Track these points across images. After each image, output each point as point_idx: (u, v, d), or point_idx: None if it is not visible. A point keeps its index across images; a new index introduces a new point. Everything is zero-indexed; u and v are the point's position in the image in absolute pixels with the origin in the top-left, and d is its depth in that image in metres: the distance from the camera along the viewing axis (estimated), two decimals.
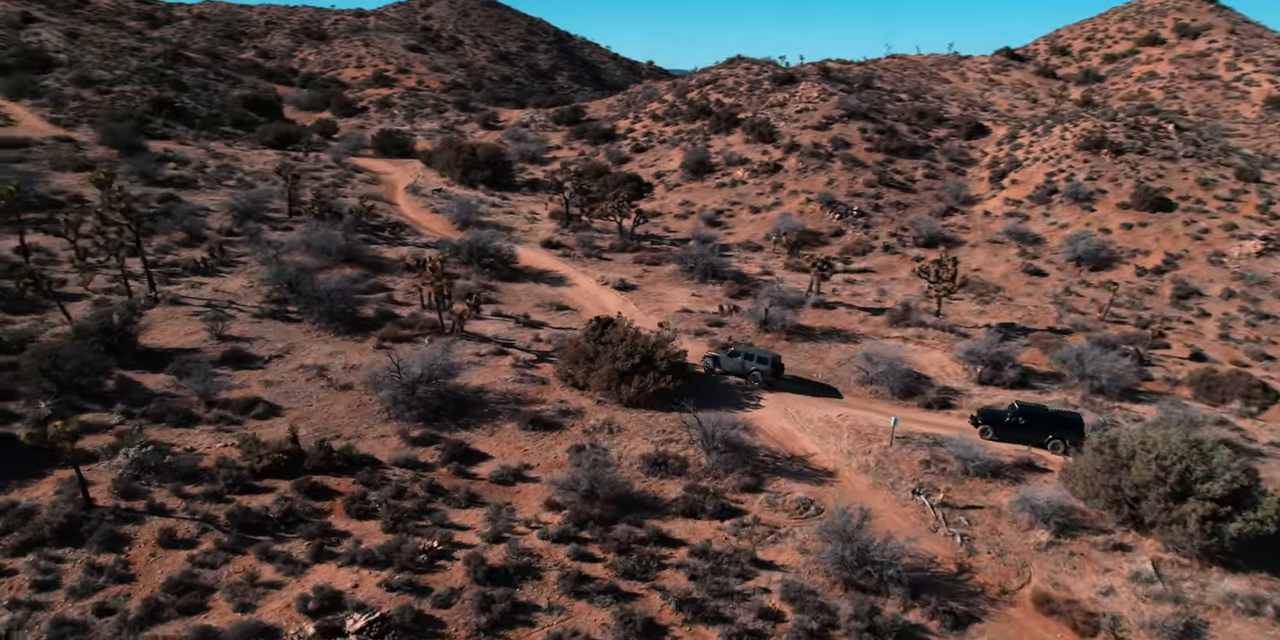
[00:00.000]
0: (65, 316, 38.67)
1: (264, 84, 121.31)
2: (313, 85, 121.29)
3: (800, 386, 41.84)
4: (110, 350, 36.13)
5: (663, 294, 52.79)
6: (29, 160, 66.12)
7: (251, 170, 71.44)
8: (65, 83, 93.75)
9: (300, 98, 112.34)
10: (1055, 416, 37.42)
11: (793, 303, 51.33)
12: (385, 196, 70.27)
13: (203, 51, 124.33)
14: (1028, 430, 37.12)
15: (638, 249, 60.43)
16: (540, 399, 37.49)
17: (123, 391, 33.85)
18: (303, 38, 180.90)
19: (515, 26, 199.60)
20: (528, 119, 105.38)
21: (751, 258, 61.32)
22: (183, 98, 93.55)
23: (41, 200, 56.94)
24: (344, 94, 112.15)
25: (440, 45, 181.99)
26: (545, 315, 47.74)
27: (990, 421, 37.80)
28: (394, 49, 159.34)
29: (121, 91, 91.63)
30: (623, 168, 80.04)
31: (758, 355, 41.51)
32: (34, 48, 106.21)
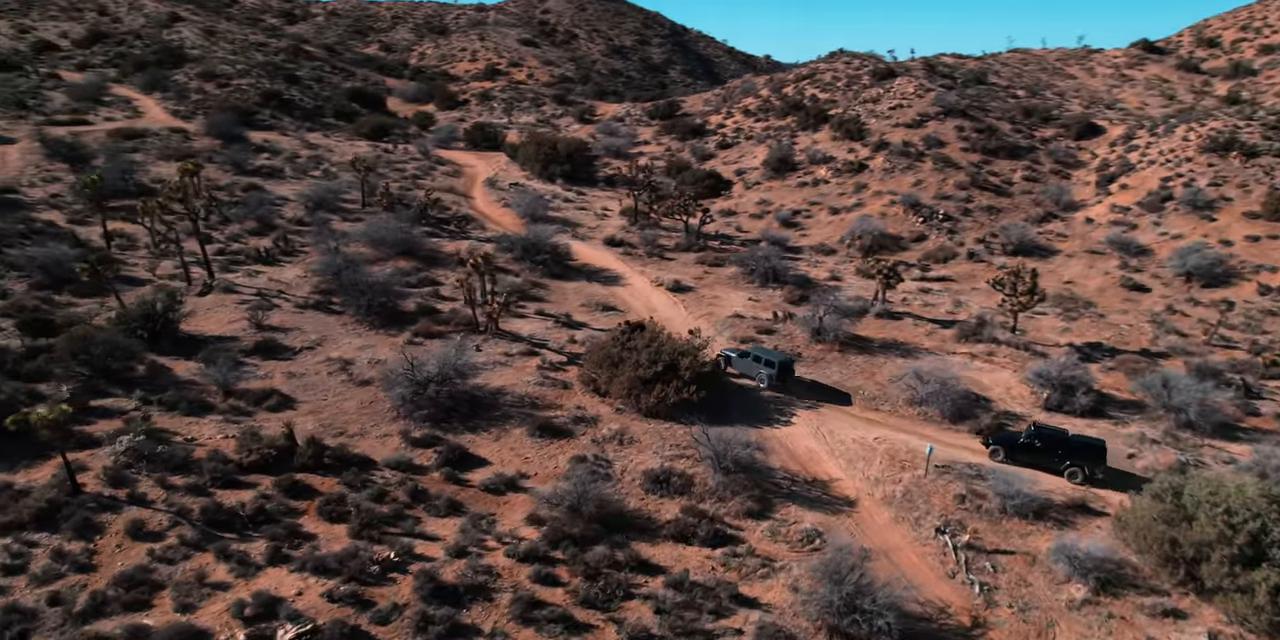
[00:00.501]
0: (118, 302, 40.23)
1: (375, 77, 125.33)
2: (421, 78, 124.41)
3: (815, 393, 39.00)
4: (151, 336, 37.46)
5: (718, 297, 50.65)
6: (142, 150, 70.14)
7: (339, 161, 73.38)
8: (191, 77, 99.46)
9: (407, 90, 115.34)
10: (1074, 441, 33.99)
11: (854, 311, 48.20)
12: (462, 189, 70.81)
13: (323, 46, 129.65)
14: (1043, 454, 33.80)
15: (703, 249, 58.38)
16: (558, 404, 36.30)
17: (151, 378, 34.82)
18: (425, 32, 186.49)
19: (631, 20, 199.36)
20: (624, 113, 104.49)
21: (823, 262, 58.20)
22: (292, 90, 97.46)
23: (140, 188, 59.99)
24: (447, 87, 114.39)
25: (555, 39, 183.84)
26: (588, 315, 46.54)
27: (1002, 443, 34.68)
28: (507, 43, 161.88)
29: (238, 84, 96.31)
30: (706, 164, 77.88)
31: (765, 357, 39.46)
32: (174, 45, 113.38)
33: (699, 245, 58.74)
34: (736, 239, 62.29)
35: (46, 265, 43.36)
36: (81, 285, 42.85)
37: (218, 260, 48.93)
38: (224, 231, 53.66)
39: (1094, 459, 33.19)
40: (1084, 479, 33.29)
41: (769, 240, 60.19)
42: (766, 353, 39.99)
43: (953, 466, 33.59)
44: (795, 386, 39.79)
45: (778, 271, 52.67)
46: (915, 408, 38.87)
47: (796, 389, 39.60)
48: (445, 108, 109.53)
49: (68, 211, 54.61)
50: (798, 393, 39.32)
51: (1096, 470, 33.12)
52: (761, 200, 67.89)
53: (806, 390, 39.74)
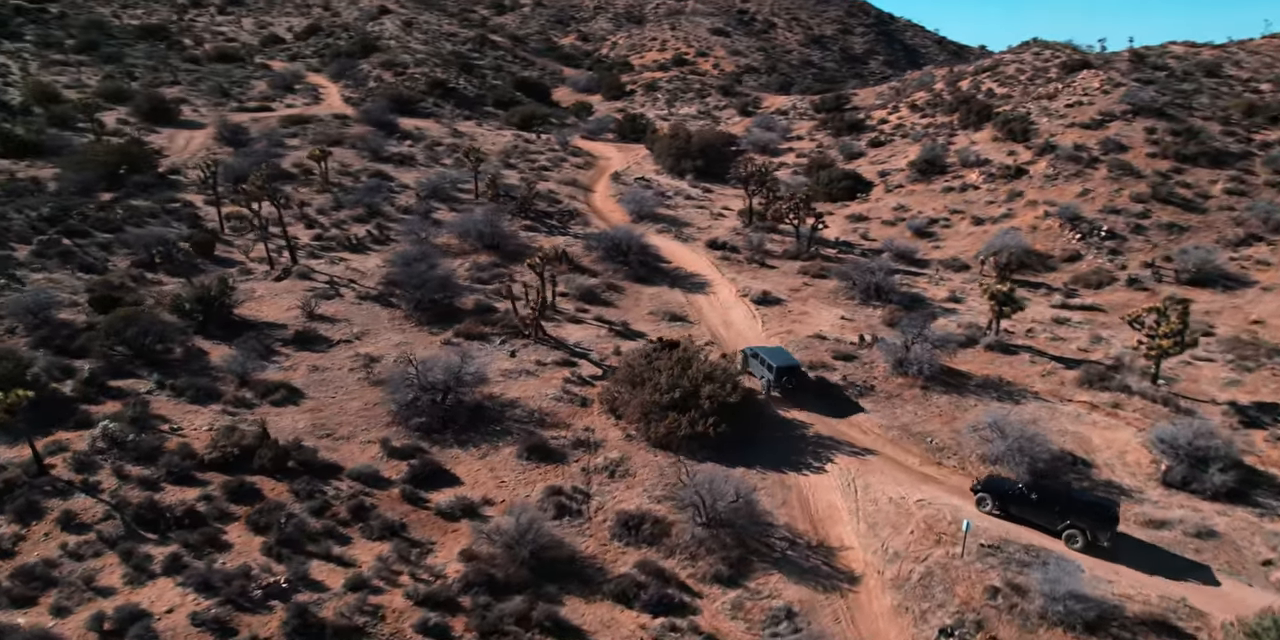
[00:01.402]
0: (189, 283, 41.87)
1: (554, 66, 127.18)
2: (599, 68, 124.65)
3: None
4: (205, 319, 38.58)
5: (806, 314, 45.51)
6: (301, 135, 74.44)
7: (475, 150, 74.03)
8: (374, 66, 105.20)
9: (579, 80, 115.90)
10: (1078, 498, 28.93)
11: (957, 341, 41.58)
12: (585, 182, 69.24)
13: (510, 36, 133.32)
14: (1039, 509, 28.73)
15: (812, 257, 53.02)
16: (566, 423, 33.49)
17: (184, 361, 35.66)
18: (623, 21, 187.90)
19: (834, 8, 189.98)
20: (789, 106, 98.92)
21: (949, 279, 50.99)
22: (460, 79, 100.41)
23: (278, 173, 63.24)
24: (616, 77, 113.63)
25: (752, 29, 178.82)
26: (651, 325, 43.20)
27: (992, 491, 29.47)
28: (699, 32, 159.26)
29: (412, 73, 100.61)
30: (852, 163, 71.38)
31: (767, 359, 36.05)
32: (372, 36, 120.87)
33: (809, 253, 53.42)
34: (858, 248, 56.18)
35: (150, 244, 46.10)
36: (174, 265, 45.27)
37: (312, 245, 50.27)
38: (331, 217, 55.19)
39: (1100, 523, 27.81)
40: (1085, 545, 27.82)
41: (891, 251, 53.70)
42: (771, 354, 36.51)
43: (1004, 548, 27.42)
44: (810, 400, 34.93)
45: (881, 288, 46.55)
46: (988, 466, 32.42)
47: (817, 403, 34.39)
48: (610, 98, 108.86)
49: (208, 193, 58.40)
50: (806, 404, 34.06)
51: (1101, 537, 27.76)
52: (899, 205, 60.98)
53: (823, 406, 34.36)
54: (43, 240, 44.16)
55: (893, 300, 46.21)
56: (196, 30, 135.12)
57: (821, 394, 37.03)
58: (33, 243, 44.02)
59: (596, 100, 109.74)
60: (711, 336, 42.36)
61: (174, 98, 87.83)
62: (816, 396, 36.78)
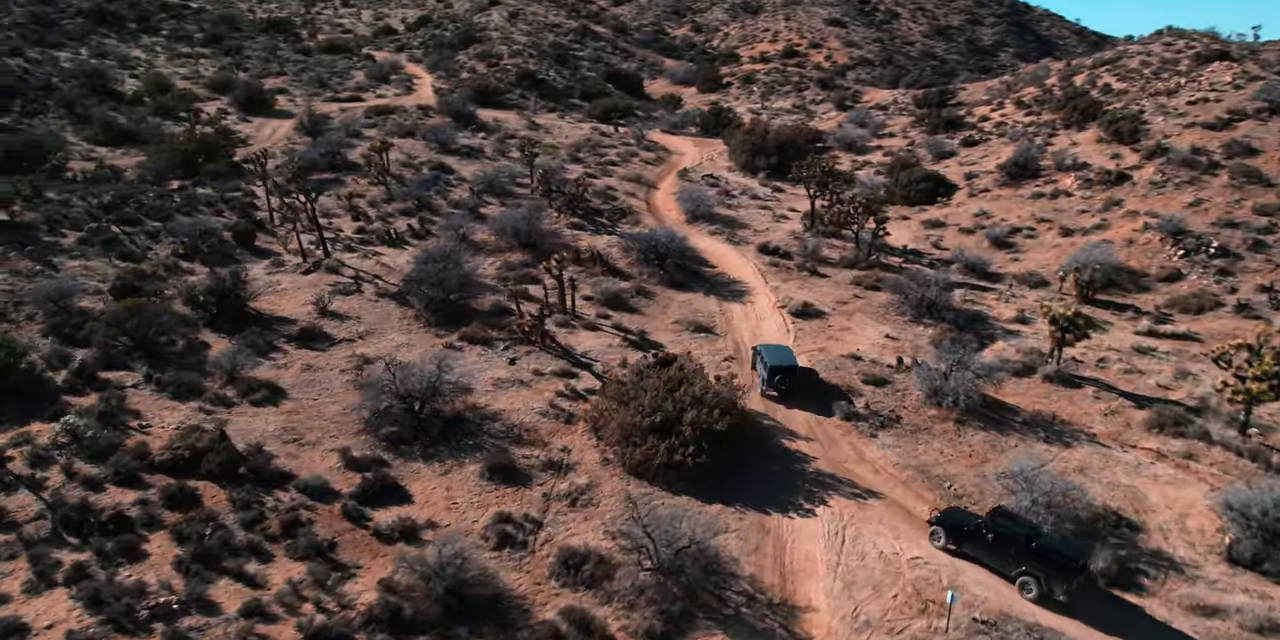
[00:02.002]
0: (212, 275, 42.04)
1: (654, 58, 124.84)
2: (700, 60, 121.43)
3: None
4: (219, 312, 38.57)
5: (848, 329, 41.58)
6: (380, 126, 75.24)
7: (547, 143, 72.85)
8: (470, 57, 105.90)
9: (677, 71, 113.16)
10: (1043, 543, 25.07)
11: (1012, 368, 36.90)
12: (650, 178, 66.69)
13: (613, 27, 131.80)
14: (994, 550, 25.51)
15: (870, 266, 48.71)
16: (545, 441, 31.32)
17: (184, 354, 35.63)
18: (739, 12, 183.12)
19: None
20: (890, 101, 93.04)
21: (1022, 296, 45.63)
22: (550, 71, 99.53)
23: (344, 164, 63.83)
24: (714, 68, 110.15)
25: (873, 19, 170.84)
26: (672, 336, 40.41)
27: (947, 524, 26.47)
28: (813, 23, 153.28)
29: (505, 64, 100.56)
30: (940, 164, 65.81)
31: (767, 359, 34.84)
32: (478, 27, 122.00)
33: (867, 261, 49.11)
34: (927, 257, 51.32)
35: (194, 234, 46.80)
36: (210, 255, 45.80)
37: (352, 239, 50.02)
38: (381, 209, 54.91)
39: (1060, 572, 24.34)
40: (1039, 595, 24.48)
41: (961, 262, 48.67)
42: (772, 352, 35.36)
43: (1001, 626, 23.39)
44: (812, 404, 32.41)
45: (935, 304, 41.98)
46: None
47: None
48: (705, 90, 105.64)
49: (269, 183, 59.39)
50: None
51: (1058, 588, 24.38)
52: (981, 211, 55.47)
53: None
54: (92, 228, 45.52)
55: (946, 319, 41.58)
56: (318, 22, 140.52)
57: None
58: (83, 230, 45.42)
59: (691, 93, 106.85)
60: (734, 351, 39.20)
61: (274, 88, 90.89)
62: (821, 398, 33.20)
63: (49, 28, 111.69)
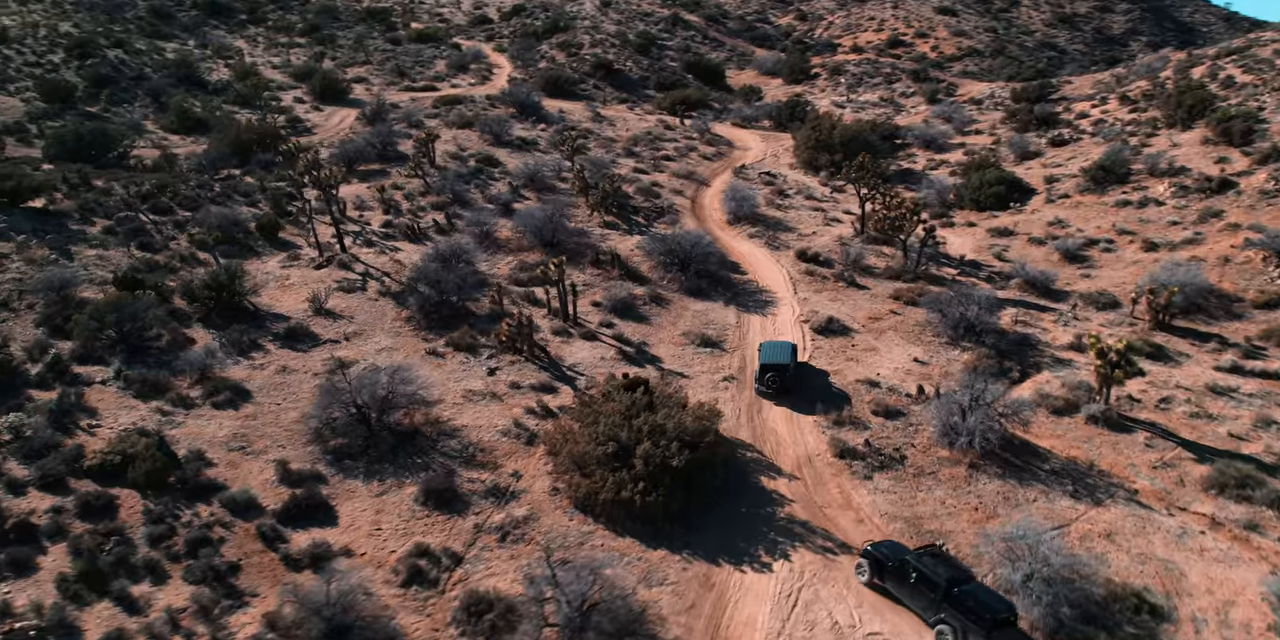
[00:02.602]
0: (218, 266, 41.63)
1: (744, 48, 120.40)
2: (792, 49, 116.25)
3: None
4: (215, 306, 38.07)
5: (873, 350, 37.50)
6: (441, 116, 74.63)
7: (606, 136, 70.46)
8: (551, 46, 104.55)
9: (766, 61, 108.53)
10: (968, 592, 22.33)
11: (1054, 404, 32.24)
12: (704, 175, 63.28)
13: (706, 17, 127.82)
14: (914, 592, 23.04)
15: (916, 278, 44.12)
16: (497, 464, 29.06)
17: (165, 350, 35.10)
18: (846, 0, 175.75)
19: None
20: (986, 94, 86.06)
21: (1085, 319, 40.15)
22: (627, 61, 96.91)
23: (394, 155, 63.27)
24: (801, 59, 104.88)
25: (990, 7, 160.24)
26: (674, 349, 37.38)
27: (873, 558, 24.09)
28: (921, 11, 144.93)
29: (583, 54, 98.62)
30: (1023, 164, 59.69)
31: (764, 354, 34.18)
32: (567, 16, 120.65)
33: (913, 273, 44.52)
34: (986, 270, 46.18)
35: (223, 225, 46.72)
36: (232, 246, 45.59)
37: (376, 232, 49.05)
38: (415, 203, 53.81)
39: (978, 625, 21.57)
40: None
41: (1021, 277, 43.43)
42: (768, 350, 34.43)
43: None
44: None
45: (974, 325, 37.30)
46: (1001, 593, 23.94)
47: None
48: (791, 81, 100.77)
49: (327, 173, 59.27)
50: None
51: None
52: (1056, 220, 49.63)
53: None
54: (120, 217, 46.07)
55: (986, 342, 36.85)
56: (418, 12, 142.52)
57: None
58: (112, 219, 46.02)
59: (776, 84, 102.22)
60: (738, 369, 35.84)
61: (354, 77, 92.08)
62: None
63: (165, 20, 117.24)
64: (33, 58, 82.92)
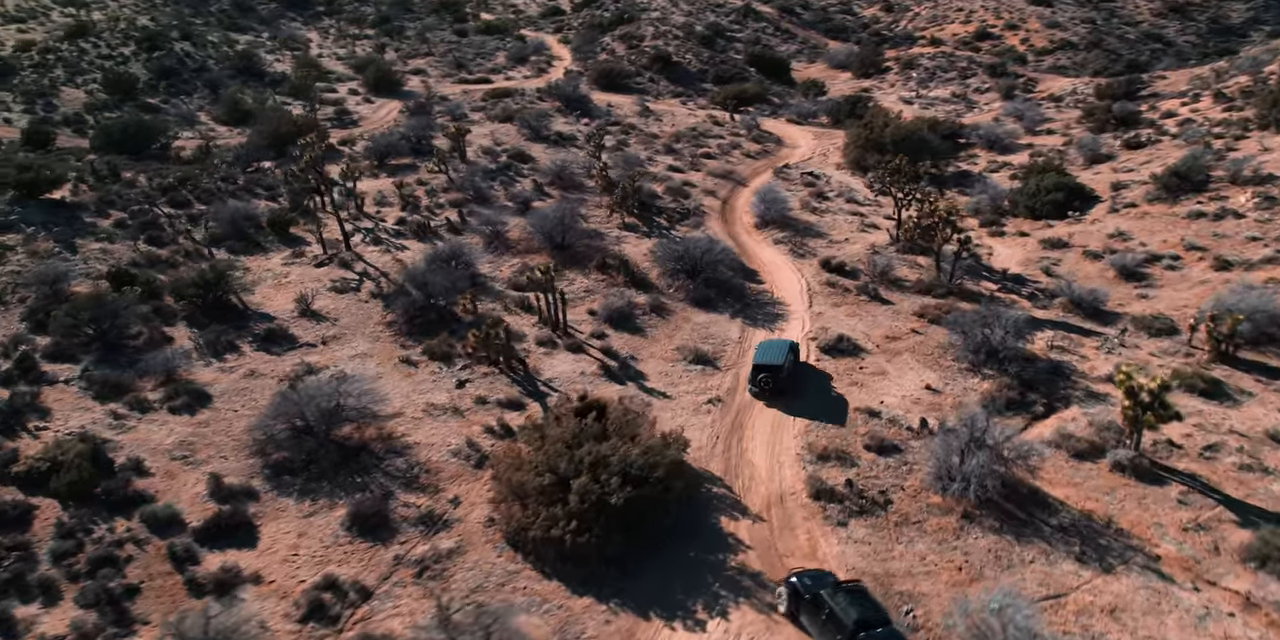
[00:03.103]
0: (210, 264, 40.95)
1: (818, 39, 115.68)
2: (866, 42, 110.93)
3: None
4: (202, 304, 37.44)
5: (882, 374, 34.05)
6: (488, 110, 73.46)
7: (649, 131, 67.87)
8: (614, 38, 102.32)
9: (838, 54, 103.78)
10: (874, 635, 20.19)
11: (1072, 448, 28.40)
12: (743, 175, 60.05)
13: (780, 7, 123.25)
14: (824, 629, 20.98)
15: (947, 294, 40.23)
16: (439, 488, 27.17)
17: (142, 349, 34.48)
18: None
19: None
20: (1068, 90, 79.79)
21: (1135, 346, 35.62)
22: (686, 54, 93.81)
23: (427, 149, 62.17)
24: (873, 52, 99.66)
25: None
26: (663, 365, 34.76)
27: (794, 588, 22.12)
28: (1013, 2, 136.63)
29: (644, 46, 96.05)
30: (1092, 169, 54.38)
31: (757, 352, 33.35)
32: (638, 8, 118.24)
33: (946, 287, 40.63)
34: (1031, 286, 41.85)
35: (234, 219, 46.29)
36: (239, 242, 45.09)
37: (388, 230, 47.90)
38: (437, 199, 52.45)
39: None
40: None
41: (1068, 296, 39.04)
42: (763, 349, 33.29)
43: None
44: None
45: (997, 350, 33.41)
46: None
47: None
48: (860, 75, 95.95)
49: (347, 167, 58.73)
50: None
51: None
52: (1117, 232, 44.70)
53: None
54: (134, 210, 46.15)
55: (1010, 370, 32.92)
56: (491, 3, 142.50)
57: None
58: (126, 212, 46.14)
59: (845, 78, 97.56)
60: (727, 391, 33.00)
61: (414, 69, 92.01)
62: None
63: (245, 13, 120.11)
64: (107, 50, 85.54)
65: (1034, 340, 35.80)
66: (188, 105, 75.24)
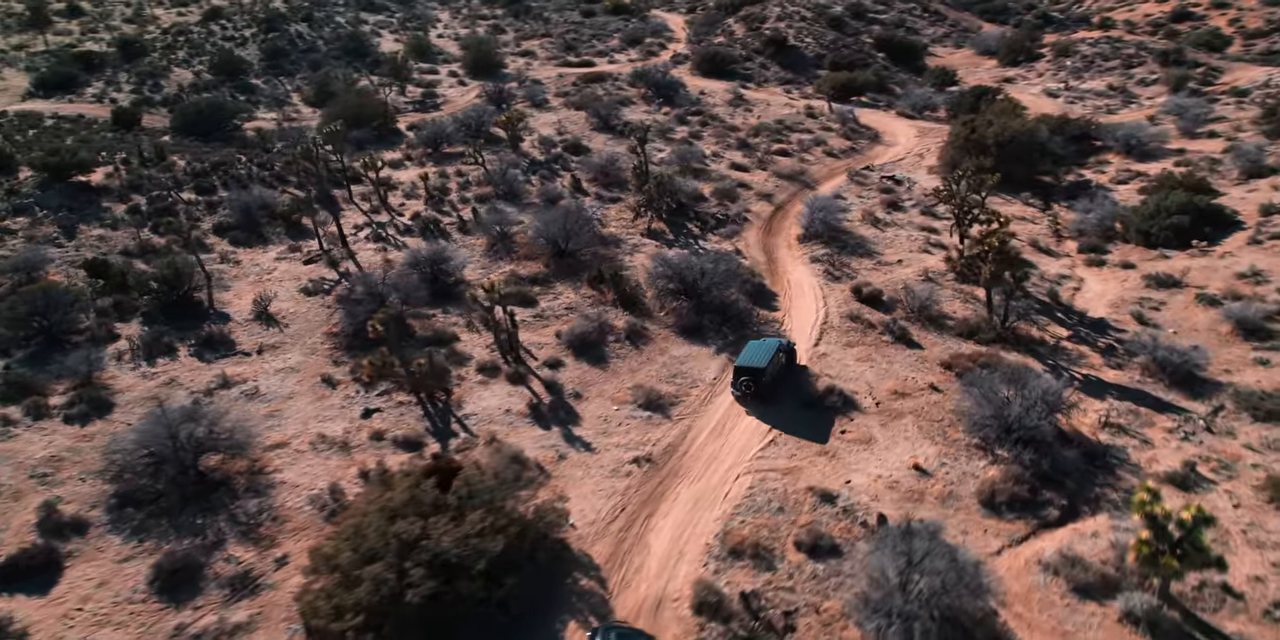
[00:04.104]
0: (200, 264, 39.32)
1: (971, 21, 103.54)
2: (1025, 25, 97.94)
3: None
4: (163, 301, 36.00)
5: (865, 443, 27.42)
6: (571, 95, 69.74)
7: (729, 123, 61.70)
8: (737, 19, 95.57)
9: (988, 39, 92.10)
10: None
11: (1076, 581, 21.20)
12: (814, 177, 52.90)
13: None
14: None
15: (995, 339, 32.54)
16: (274, 541, 23.77)
17: (80, 346, 33.19)
18: None
19: None
20: (1259, 82, 66.01)
21: (1228, 435, 26.81)
22: (805, 37, 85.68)
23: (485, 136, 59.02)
24: (1026, 36, 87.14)
25: None
26: (604, 408, 29.70)
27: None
28: None
29: (762, 29, 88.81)
30: (1249, 184, 43.43)
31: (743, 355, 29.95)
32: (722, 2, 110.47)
33: (996, 331, 32.91)
34: (1113, 334, 33.23)
35: (249, 209, 44.94)
36: (245, 233, 43.66)
37: (402, 225, 45.14)
38: (462, 194, 49.20)
39: None
40: None
41: (1149, 354, 30.40)
42: (750, 350, 29.93)
43: None
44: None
45: (1012, 428, 25.91)
46: None
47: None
48: (1007, 63, 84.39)
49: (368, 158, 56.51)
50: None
51: None
52: (1251, 271, 34.81)
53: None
54: (153, 195, 45.76)
55: (1025, 459, 25.38)
56: None
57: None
58: (147, 197, 45.82)
59: (990, 66, 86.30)
60: (666, 449, 27.51)
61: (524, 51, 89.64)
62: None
63: None
64: (232, 32, 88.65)
65: (1083, 412, 27.93)
66: (285, 86, 76.24)
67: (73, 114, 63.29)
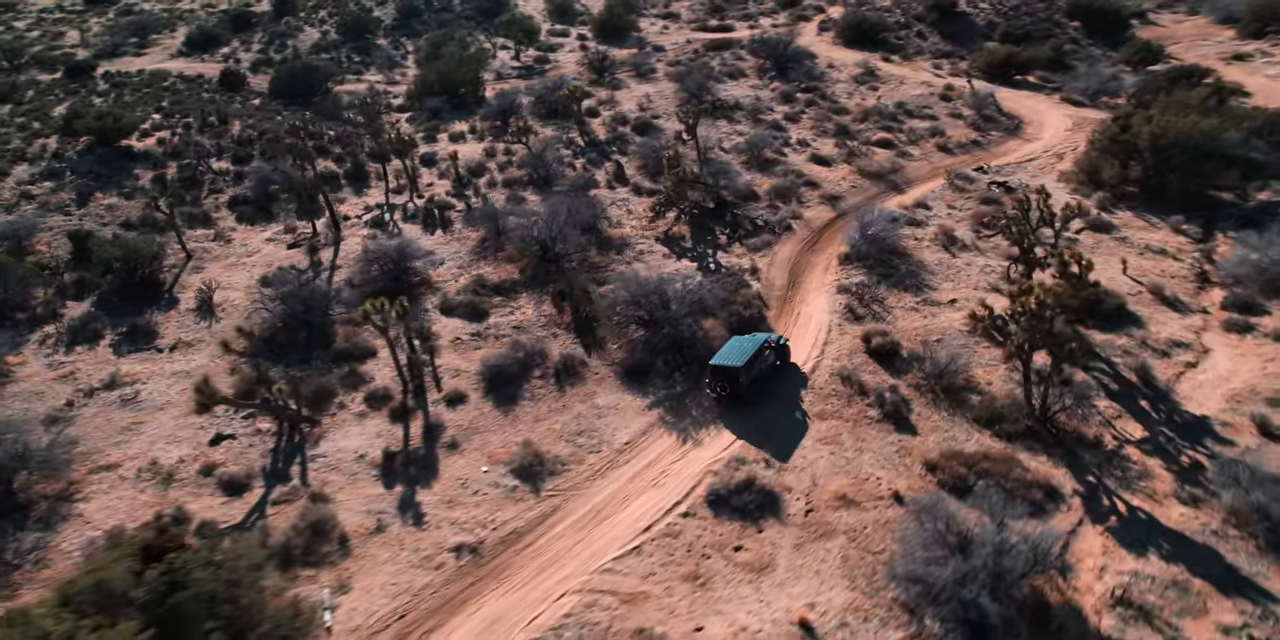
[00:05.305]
0: (181, 241, 37.66)
1: None
2: None
3: None
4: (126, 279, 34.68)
5: (756, 573, 20.36)
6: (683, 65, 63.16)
7: (840, 105, 52.67)
8: None
9: (1227, 5, 73.96)
10: None
11: None
12: (906, 176, 43.30)
13: None
14: None
15: (1022, 434, 23.73)
16: (17, 589, 20.76)
17: (21, 322, 32.38)
18: None
19: None
20: None
21: None
22: (982, 2, 72.37)
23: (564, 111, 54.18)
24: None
25: None
26: (470, 467, 24.40)
27: None
28: None
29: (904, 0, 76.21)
30: None
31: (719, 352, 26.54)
32: None
33: (1029, 420, 24.04)
34: (1211, 444, 23.27)
35: (265, 182, 42.99)
36: (251, 207, 41.81)
37: (411, 208, 41.51)
38: (491, 176, 44.65)
39: None
40: None
41: (1240, 487, 20.59)
42: (728, 349, 26.68)
43: None
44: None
45: (938, 598, 17.77)
46: None
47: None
48: (1249, 35, 66.94)
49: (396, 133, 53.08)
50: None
51: None
52: None
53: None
54: (184, 164, 44.90)
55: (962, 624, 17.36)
56: None
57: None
58: (179, 164, 45.04)
59: (1225, 38, 69.13)
60: (499, 539, 21.87)
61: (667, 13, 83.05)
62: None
63: None
64: None
65: (1098, 573, 19.23)
66: (406, 47, 74.70)
67: (193, 74, 64.89)
